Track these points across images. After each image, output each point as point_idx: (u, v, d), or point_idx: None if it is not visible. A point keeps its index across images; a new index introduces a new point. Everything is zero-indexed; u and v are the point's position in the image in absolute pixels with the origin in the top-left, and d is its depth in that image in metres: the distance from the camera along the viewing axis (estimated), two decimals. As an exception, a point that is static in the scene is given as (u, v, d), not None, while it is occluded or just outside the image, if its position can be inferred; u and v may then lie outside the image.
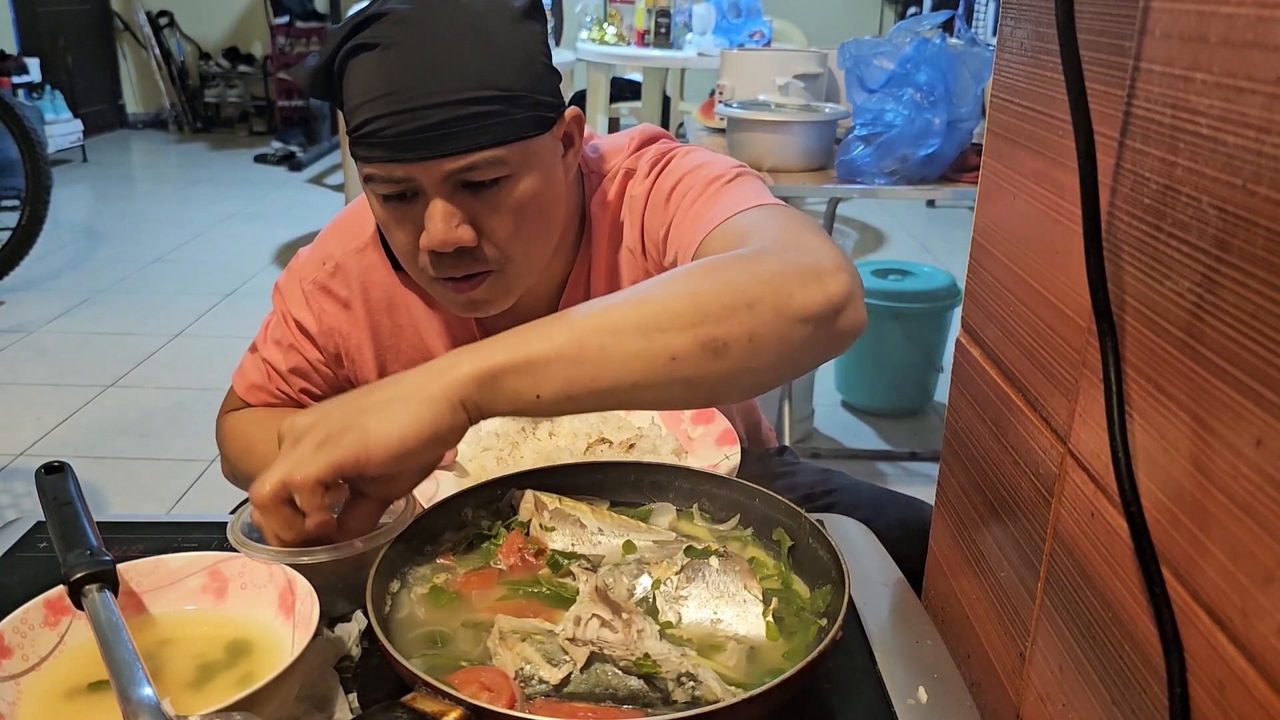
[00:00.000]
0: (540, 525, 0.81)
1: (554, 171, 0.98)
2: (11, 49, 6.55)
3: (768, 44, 3.90)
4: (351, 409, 0.70)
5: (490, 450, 1.00)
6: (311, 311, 1.13)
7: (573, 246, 1.09)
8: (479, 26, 0.90)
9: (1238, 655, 0.42)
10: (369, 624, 0.68)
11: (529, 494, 0.83)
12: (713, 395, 0.76)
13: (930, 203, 5.55)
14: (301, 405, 1.17)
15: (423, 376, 0.70)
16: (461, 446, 0.98)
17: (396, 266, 1.10)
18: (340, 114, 1.05)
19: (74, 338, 3.63)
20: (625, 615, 0.68)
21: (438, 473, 0.95)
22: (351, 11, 0.93)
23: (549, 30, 0.96)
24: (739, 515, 0.83)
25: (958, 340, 0.79)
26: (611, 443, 0.99)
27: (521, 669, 0.65)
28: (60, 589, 0.67)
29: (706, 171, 1.02)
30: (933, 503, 0.87)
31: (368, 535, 0.76)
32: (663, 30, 4.10)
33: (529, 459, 0.99)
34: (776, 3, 4.92)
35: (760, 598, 0.73)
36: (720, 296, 0.72)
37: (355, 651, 0.73)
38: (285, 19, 7.37)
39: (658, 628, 0.69)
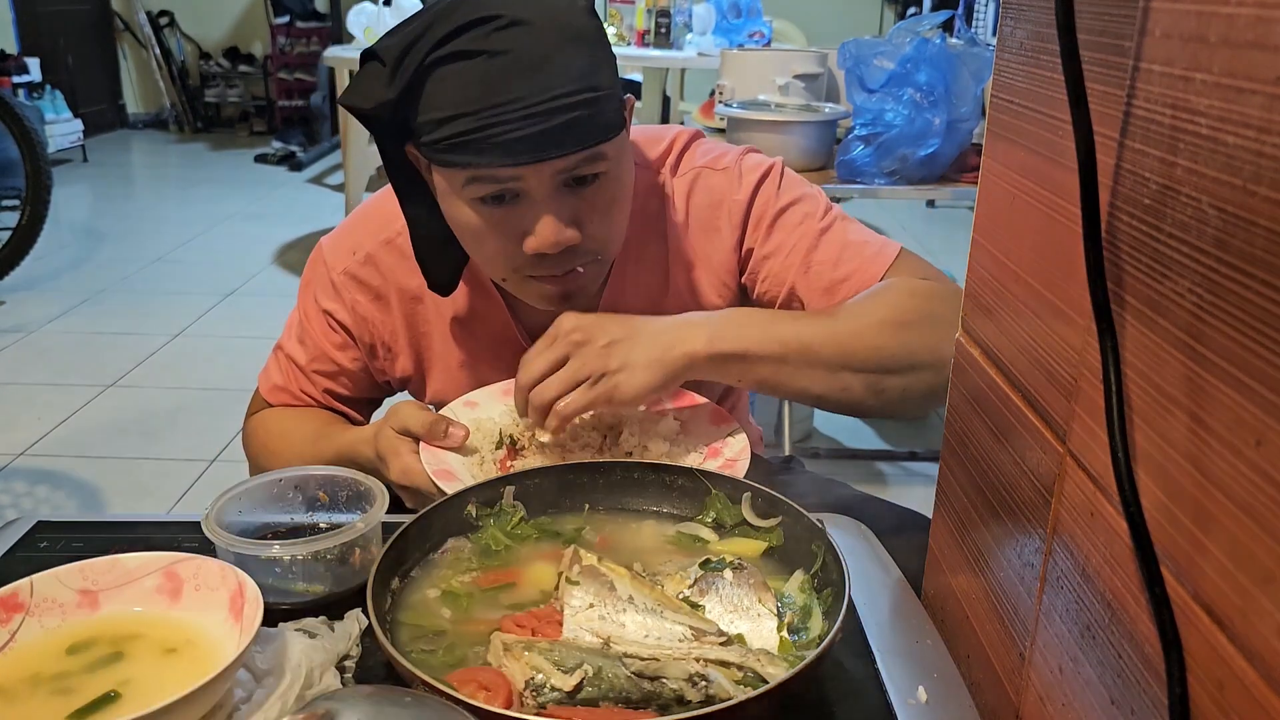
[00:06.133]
0: (567, 579, 0.73)
1: (631, 160, 1.03)
2: (11, 49, 6.54)
3: (768, 44, 3.90)
4: (613, 357, 0.89)
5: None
6: (344, 303, 1.12)
7: None
8: (570, 25, 0.91)
9: (1237, 655, 0.42)
10: (369, 624, 0.69)
11: (572, 549, 0.76)
12: (854, 412, 0.98)
13: (930, 203, 5.55)
14: (324, 405, 1.17)
15: (663, 341, 0.90)
16: (456, 466, 0.97)
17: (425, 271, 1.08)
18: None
19: (74, 338, 3.63)
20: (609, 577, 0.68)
21: (446, 486, 0.94)
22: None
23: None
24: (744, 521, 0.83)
25: (957, 340, 0.79)
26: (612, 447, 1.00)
27: (532, 678, 0.64)
28: (13, 586, 0.69)
29: (809, 208, 1.09)
30: (931, 506, 0.87)
31: (336, 531, 0.80)
32: (663, 30, 4.09)
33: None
34: (776, 3, 4.92)
35: (775, 611, 0.72)
36: (896, 356, 0.94)
37: (355, 651, 0.73)
38: (285, 19, 7.37)
39: (647, 597, 0.69)
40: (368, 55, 0.94)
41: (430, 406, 1.03)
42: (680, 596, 0.73)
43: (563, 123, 0.89)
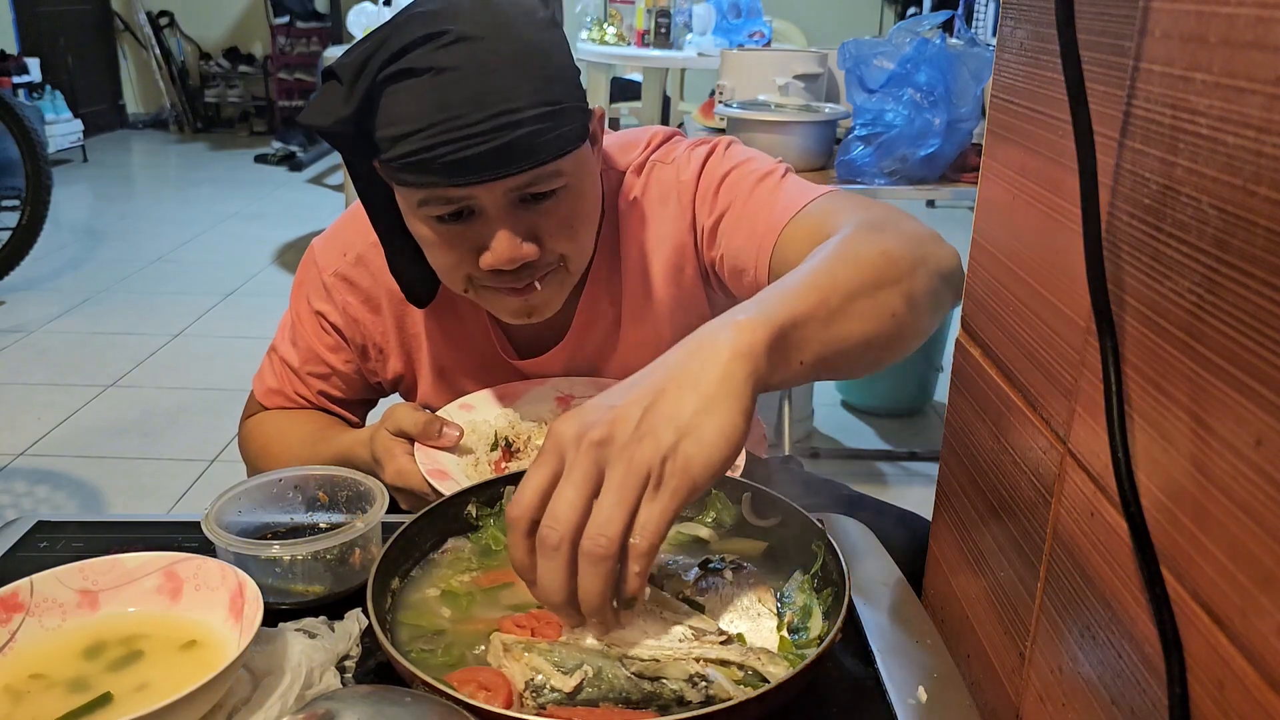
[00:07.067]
0: None
1: (596, 173, 1.00)
2: (11, 49, 6.55)
3: (768, 44, 3.89)
4: (660, 428, 0.60)
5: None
6: (335, 304, 1.12)
7: None
8: (524, 40, 0.89)
9: (1237, 655, 0.42)
10: (369, 624, 0.69)
11: None
12: (902, 352, 0.78)
13: (930, 203, 5.54)
14: (318, 407, 1.17)
15: (700, 365, 0.62)
16: (451, 467, 0.97)
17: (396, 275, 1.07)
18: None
19: (74, 338, 3.63)
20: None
21: (441, 486, 0.94)
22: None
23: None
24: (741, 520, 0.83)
25: (957, 340, 0.79)
26: None
27: (532, 679, 0.64)
28: (13, 586, 0.68)
29: (754, 166, 1.05)
30: (931, 506, 0.87)
31: (336, 531, 0.79)
32: (663, 30, 4.09)
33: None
34: (776, 3, 4.92)
35: (775, 611, 0.72)
36: (904, 256, 0.78)
37: (355, 651, 0.73)
38: (285, 19, 7.37)
39: (665, 594, 0.69)
40: (327, 73, 0.92)
41: (425, 409, 1.03)
42: (680, 596, 0.73)
43: (512, 140, 0.87)
